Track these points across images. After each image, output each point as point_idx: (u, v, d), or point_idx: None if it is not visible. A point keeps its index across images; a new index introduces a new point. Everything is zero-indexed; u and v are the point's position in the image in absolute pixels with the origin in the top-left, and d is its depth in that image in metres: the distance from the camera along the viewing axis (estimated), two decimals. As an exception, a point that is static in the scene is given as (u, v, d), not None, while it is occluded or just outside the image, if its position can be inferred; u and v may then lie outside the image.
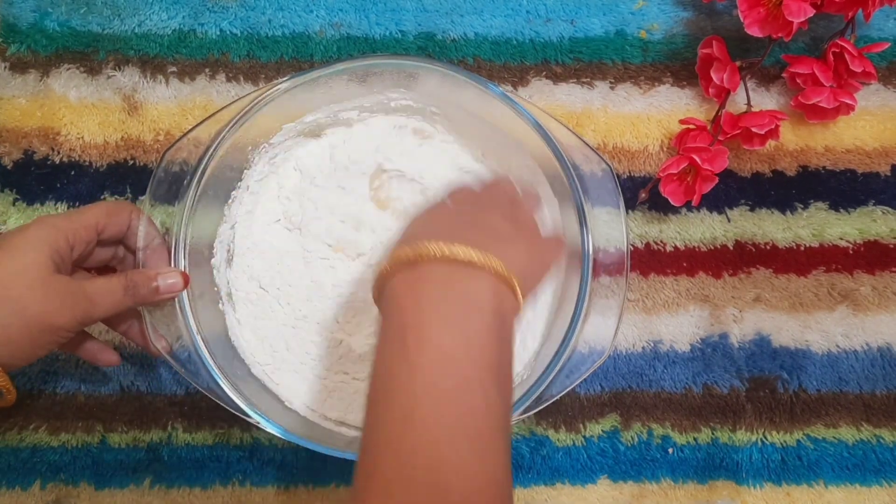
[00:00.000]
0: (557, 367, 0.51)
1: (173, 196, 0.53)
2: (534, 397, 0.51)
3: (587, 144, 0.55)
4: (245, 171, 0.58)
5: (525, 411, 0.51)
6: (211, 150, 0.53)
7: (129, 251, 0.53)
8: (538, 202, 0.55)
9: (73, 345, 0.53)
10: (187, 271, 0.52)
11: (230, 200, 0.58)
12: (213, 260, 0.57)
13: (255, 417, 0.51)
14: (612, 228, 0.54)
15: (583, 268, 0.52)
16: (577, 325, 0.51)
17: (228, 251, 0.58)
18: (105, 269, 0.54)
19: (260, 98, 0.53)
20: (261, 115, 0.54)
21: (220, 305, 0.57)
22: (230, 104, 0.54)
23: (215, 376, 0.51)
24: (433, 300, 0.38)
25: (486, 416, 0.36)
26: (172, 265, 0.52)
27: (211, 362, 0.51)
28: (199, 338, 0.51)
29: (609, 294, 0.54)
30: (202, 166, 0.53)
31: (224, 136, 0.53)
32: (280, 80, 0.54)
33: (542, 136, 0.53)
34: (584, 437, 0.60)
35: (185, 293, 0.51)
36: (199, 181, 0.53)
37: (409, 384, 0.36)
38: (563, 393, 0.52)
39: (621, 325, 0.53)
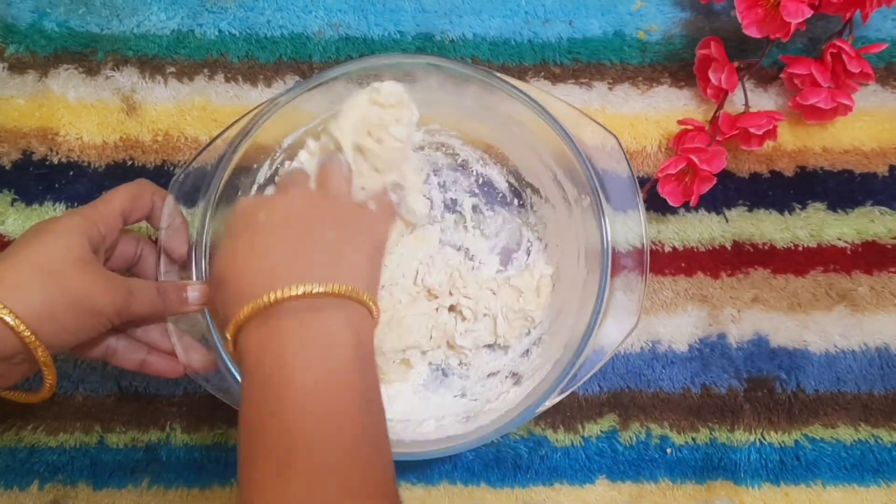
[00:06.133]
0: (578, 364, 0.51)
1: (192, 202, 0.53)
2: (558, 390, 0.51)
3: (619, 144, 0.54)
4: (255, 180, 0.57)
5: (560, 393, 0.51)
6: (224, 159, 0.52)
7: (153, 226, 0.53)
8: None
9: (137, 362, 0.51)
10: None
11: None
12: None
13: None
14: (629, 229, 0.53)
15: (602, 264, 0.51)
16: (597, 320, 0.51)
17: None
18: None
19: (265, 111, 0.53)
20: (264, 127, 0.53)
21: None
22: (240, 119, 0.54)
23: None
24: (290, 350, 0.40)
25: (363, 437, 0.38)
26: (194, 277, 0.52)
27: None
28: (225, 353, 0.51)
29: (620, 292, 0.53)
30: (216, 180, 0.52)
31: (237, 147, 0.52)
32: (294, 85, 0.53)
33: (557, 131, 0.53)
34: (582, 437, 0.60)
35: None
36: (214, 195, 0.52)
37: (281, 426, 0.38)
38: (575, 387, 0.52)
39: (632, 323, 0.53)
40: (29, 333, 0.42)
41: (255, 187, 0.57)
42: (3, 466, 0.59)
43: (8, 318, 0.41)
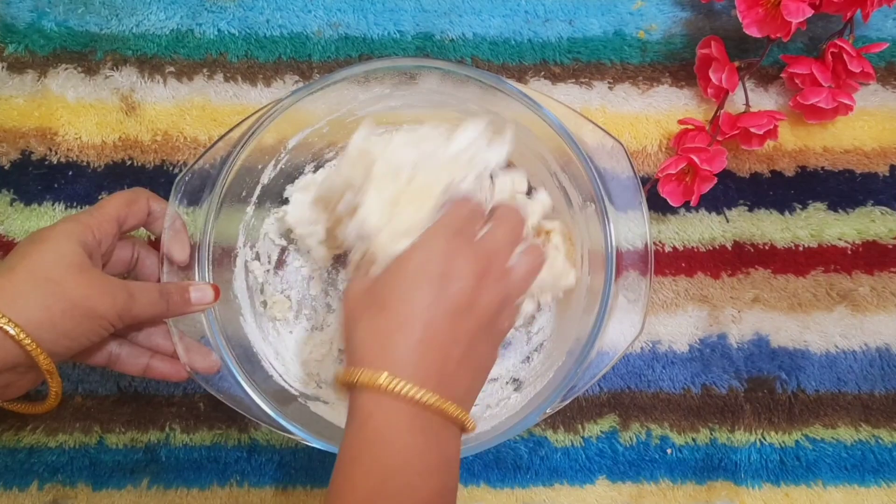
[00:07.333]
0: (584, 365, 0.50)
1: (196, 202, 0.53)
2: (561, 396, 0.50)
3: (618, 142, 0.54)
4: (259, 181, 0.57)
5: (562, 400, 0.51)
6: (229, 160, 0.52)
7: (150, 232, 0.53)
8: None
9: (142, 367, 0.51)
10: (213, 281, 0.52)
11: (246, 216, 0.57)
12: (234, 271, 0.57)
13: (299, 434, 0.50)
14: (630, 229, 0.53)
15: (607, 266, 0.51)
16: (601, 327, 0.50)
17: (247, 267, 0.58)
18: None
19: (270, 112, 0.52)
20: (269, 128, 0.53)
21: (241, 317, 0.56)
22: (244, 119, 0.53)
23: (244, 386, 0.51)
24: (408, 441, 0.40)
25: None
26: (197, 278, 0.52)
27: (240, 374, 0.51)
28: (228, 352, 0.51)
29: (622, 296, 0.53)
30: (221, 180, 0.52)
31: (242, 148, 0.52)
32: (299, 87, 0.53)
33: (563, 137, 0.52)
34: (582, 437, 0.60)
35: (212, 309, 0.51)
36: (219, 196, 0.52)
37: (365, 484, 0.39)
38: (577, 394, 0.52)
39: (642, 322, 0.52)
40: (30, 342, 0.41)
41: (259, 188, 0.57)
42: (2, 466, 0.59)
43: (8, 328, 0.41)
